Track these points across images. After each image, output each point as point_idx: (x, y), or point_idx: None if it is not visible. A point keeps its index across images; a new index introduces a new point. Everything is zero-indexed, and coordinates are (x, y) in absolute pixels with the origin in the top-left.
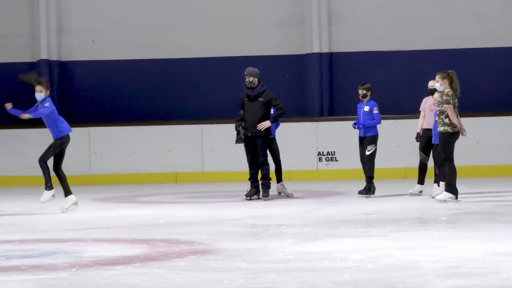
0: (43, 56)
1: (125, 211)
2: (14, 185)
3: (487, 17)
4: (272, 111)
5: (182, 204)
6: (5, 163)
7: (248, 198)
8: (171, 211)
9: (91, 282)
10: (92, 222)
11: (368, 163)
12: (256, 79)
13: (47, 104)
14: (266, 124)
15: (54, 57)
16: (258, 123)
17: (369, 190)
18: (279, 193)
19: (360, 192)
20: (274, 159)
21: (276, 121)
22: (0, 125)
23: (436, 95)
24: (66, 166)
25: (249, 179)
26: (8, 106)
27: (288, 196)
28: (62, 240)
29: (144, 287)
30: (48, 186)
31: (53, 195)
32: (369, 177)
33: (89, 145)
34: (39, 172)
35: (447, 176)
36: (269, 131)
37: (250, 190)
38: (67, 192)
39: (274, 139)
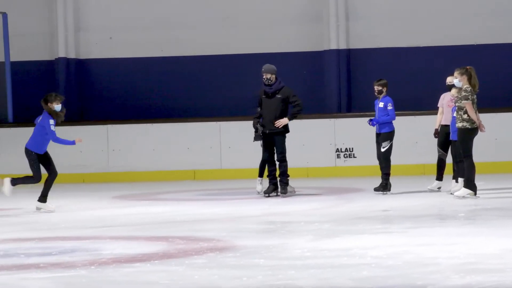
0: (61, 54)
1: (144, 208)
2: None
3: (505, 12)
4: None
5: (201, 202)
6: (25, 161)
7: (267, 195)
8: (190, 208)
9: (109, 279)
10: (110, 219)
11: (383, 159)
12: (274, 76)
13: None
14: (284, 121)
15: (72, 55)
16: (276, 120)
17: (385, 187)
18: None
19: (376, 189)
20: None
21: (294, 118)
22: (22, 123)
23: (453, 91)
24: (85, 163)
25: (268, 176)
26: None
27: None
28: (81, 237)
29: (162, 285)
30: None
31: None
32: (385, 174)
33: (108, 142)
34: (61, 170)
35: (466, 172)
36: (287, 128)
37: (269, 187)
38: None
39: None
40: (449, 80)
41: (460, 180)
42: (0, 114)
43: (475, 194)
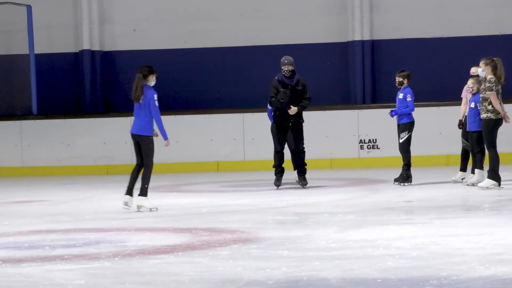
0: (86, 46)
1: (167, 200)
2: (61, 175)
3: None
4: None
5: (224, 193)
6: (52, 153)
7: (278, 187)
8: (213, 200)
9: (134, 271)
10: (134, 211)
11: (401, 150)
12: (293, 68)
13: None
14: (296, 109)
15: (96, 47)
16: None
17: (405, 178)
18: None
19: (396, 180)
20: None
21: (302, 110)
22: (46, 116)
23: (470, 82)
24: (109, 155)
25: (275, 166)
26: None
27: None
28: (105, 229)
29: (187, 276)
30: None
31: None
32: (406, 165)
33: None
34: (85, 162)
35: (490, 163)
36: (301, 117)
37: (278, 179)
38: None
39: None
40: (473, 70)
41: (477, 171)
42: (25, 106)
43: (499, 184)
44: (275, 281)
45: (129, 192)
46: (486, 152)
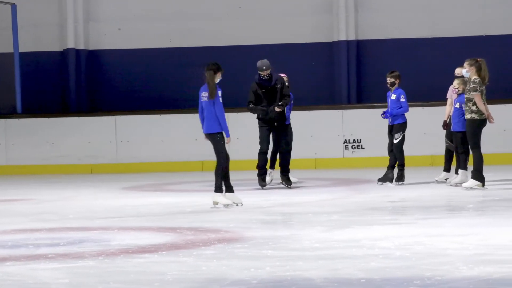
0: (71, 45)
1: (152, 199)
2: (46, 174)
3: None
4: None
5: (209, 192)
6: (37, 152)
7: (262, 187)
8: (198, 199)
9: (118, 270)
10: (119, 210)
11: (396, 151)
12: (270, 70)
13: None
14: (282, 107)
15: (81, 46)
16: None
17: (401, 177)
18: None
19: (379, 180)
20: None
21: (283, 108)
22: (32, 114)
23: (455, 82)
24: (94, 154)
25: (259, 166)
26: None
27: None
28: (90, 228)
29: (171, 275)
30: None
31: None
32: (401, 165)
33: (116, 133)
34: (69, 160)
35: (474, 163)
36: (285, 118)
37: (262, 179)
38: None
39: (289, 125)
40: (458, 71)
41: (460, 171)
42: (9, 105)
43: (483, 185)
44: (259, 281)
45: (220, 190)
46: (470, 152)
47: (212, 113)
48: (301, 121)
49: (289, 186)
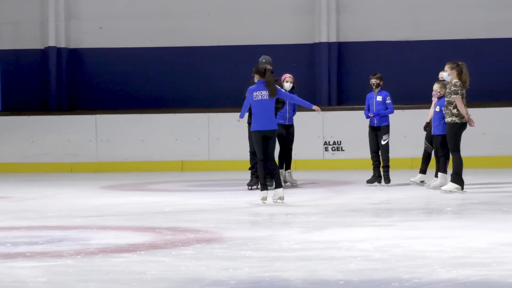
0: (52, 43)
1: (132, 199)
2: (25, 172)
3: (498, 7)
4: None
5: (189, 193)
6: (16, 150)
7: (249, 187)
8: (177, 199)
9: (97, 269)
10: (98, 209)
11: (384, 152)
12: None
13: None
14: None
15: (62, 44)
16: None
17: (387, 178)
18: (285, 181)
19: (368, 181)
20: (286, 146)
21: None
22: (11, 112)
23: (436, 86)
24: (74, 153)
25: (250, 168)
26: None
27: (292, 184)
28: (69, 227)
29: (149, 275)
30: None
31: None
32: (386, 167)
33: (96, 132)
34: (49, 159)
35: (454, 166)
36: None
37: (251, 179)
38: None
39: (292, 126)
40: (441, 75)
41: (440, 174)
42: None
43: (462, 188)
44: (238, 281)
45: (265, 187)
46: (450, 155)
47: (272, 110)
48: None
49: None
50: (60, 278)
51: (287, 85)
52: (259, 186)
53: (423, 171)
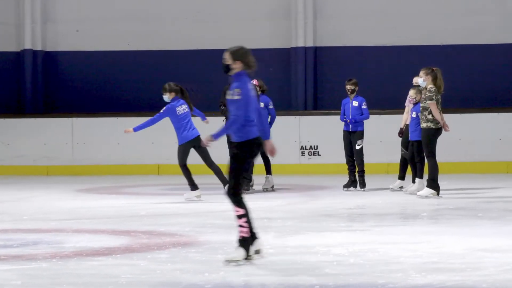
0: (28, 46)
1: (107, 202)
2: (1, 174)
3: (473, 13)
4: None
5: (165, 196)
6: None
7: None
8: (153, 202)
9: (71, 272)
10: (74, 212)
11: (358, 157)
12: None
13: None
14: None
15: (38, 47)
16: None
17: (363, 183)
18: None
19: (345, 186)
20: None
21: None
22: None
23: (411, 92)
24: (49, 156)
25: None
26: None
27: (268, 190)
28: (43, 230)
29: (124, 279)
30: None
31: (198, 196)
32: (362, 171)
33: (72, 135)
34: (25, 161)
35: (429, 172)
36: None
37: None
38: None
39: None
40: (415, 80)
41: (417, 180)
42: None
43: (438, 194)
44: (213, 285)
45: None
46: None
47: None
48: None
49: (246, 191)
50: (34, 281)
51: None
52: (253, 189)
53: (401, 177)
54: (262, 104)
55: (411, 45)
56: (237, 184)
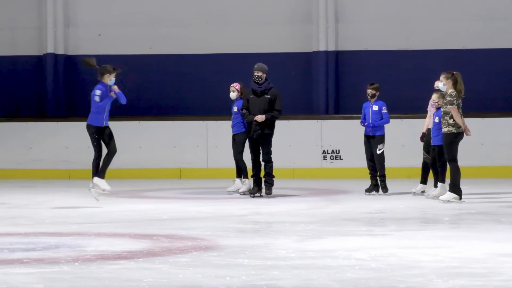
0: (50, 50)
1: (129, 206)
2: (21, 178)
3: (494, 17)
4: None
5: (186, 200)
6: (13, 156)
7: (252, 195)
8: (175, 206)
9: (93, 276)
10: (95, 216)
11: (379, 162)
12: (264, 75)
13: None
14: (262, 117)
15: (60, 51)
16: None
17: (385, 187)
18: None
19: (367, 190)
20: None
21: (272, 119)
22: (8, 118)
23: (434, 96)
24: (70, 160)
25: (252, 176)
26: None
27: (244, 193)
28: (65, 233)
29: (146, 282)
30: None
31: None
32: (383, 176)
33: None
34: (45, 165)
35: (451, 176)
36: (272, 129)
37: (253, 187)
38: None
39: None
40: (436, 84)
41: (439, 184)
42: None
43: (460, 198)
44: None
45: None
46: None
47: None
48: (279, 130)
49: (266, 195)
50: (55, 285)
51: (233, 95)
52: (262, 194)
53: (423, 181)
54: (235, 108)
55: (432, 49)
56: None
